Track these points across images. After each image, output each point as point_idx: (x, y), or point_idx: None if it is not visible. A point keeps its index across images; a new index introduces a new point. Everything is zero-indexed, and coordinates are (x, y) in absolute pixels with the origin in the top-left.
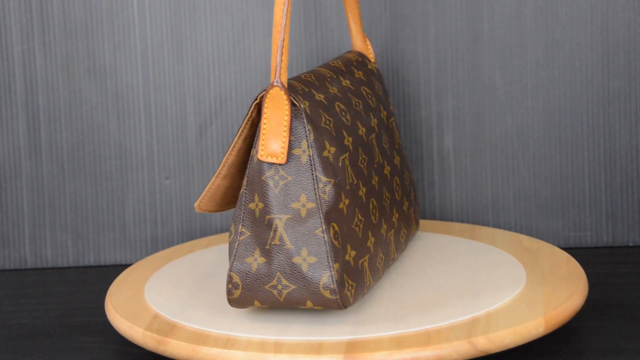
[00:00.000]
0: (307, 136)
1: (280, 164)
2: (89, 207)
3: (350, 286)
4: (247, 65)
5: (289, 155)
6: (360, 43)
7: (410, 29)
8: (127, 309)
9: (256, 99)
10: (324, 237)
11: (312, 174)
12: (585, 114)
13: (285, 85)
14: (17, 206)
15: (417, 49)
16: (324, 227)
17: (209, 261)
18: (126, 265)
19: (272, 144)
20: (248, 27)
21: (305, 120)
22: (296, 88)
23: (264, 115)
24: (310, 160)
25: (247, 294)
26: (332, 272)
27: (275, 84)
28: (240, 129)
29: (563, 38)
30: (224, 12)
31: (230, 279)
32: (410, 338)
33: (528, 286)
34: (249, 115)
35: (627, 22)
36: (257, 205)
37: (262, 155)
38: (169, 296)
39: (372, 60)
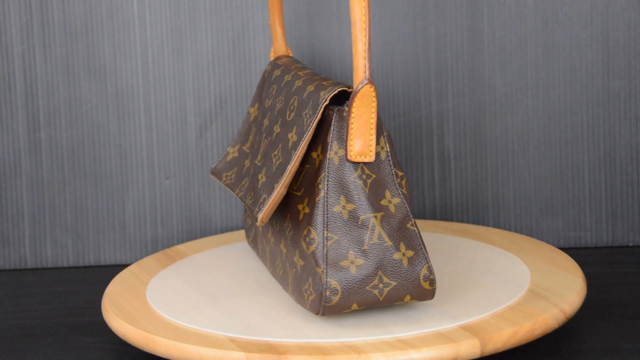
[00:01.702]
0: (383, 132)
1: (365, 163)
2: (89, 207)
3: None
4: (247, 65)
5: None
6: (284, 48)
7: (410, 29)
8: (136, 317)
9: (325, 100)
10: (415, 230)
11: (391, 170)
12: (585, 114)
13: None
14: (17, 206)
15: (417, 49)
16: (413, 220)
17: (210, 262)
18: (126, 265)
19: (360, 143)
20: (248, 27)
21: (380, 117)
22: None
23: (351, 115)
24: (388, 156)
25: (347, 298)
26: (430, 263)
27: (366, 81)
28: (308, 134)
29: (563, 38)
30: (224, 12)
31: (327, 286)
32: (511, 315)
33: (532, 267)
34: (317, 118)
35: (627, 22)
36: (345, 207)
37: (351, 156)
38: (194, 308)
39: None
